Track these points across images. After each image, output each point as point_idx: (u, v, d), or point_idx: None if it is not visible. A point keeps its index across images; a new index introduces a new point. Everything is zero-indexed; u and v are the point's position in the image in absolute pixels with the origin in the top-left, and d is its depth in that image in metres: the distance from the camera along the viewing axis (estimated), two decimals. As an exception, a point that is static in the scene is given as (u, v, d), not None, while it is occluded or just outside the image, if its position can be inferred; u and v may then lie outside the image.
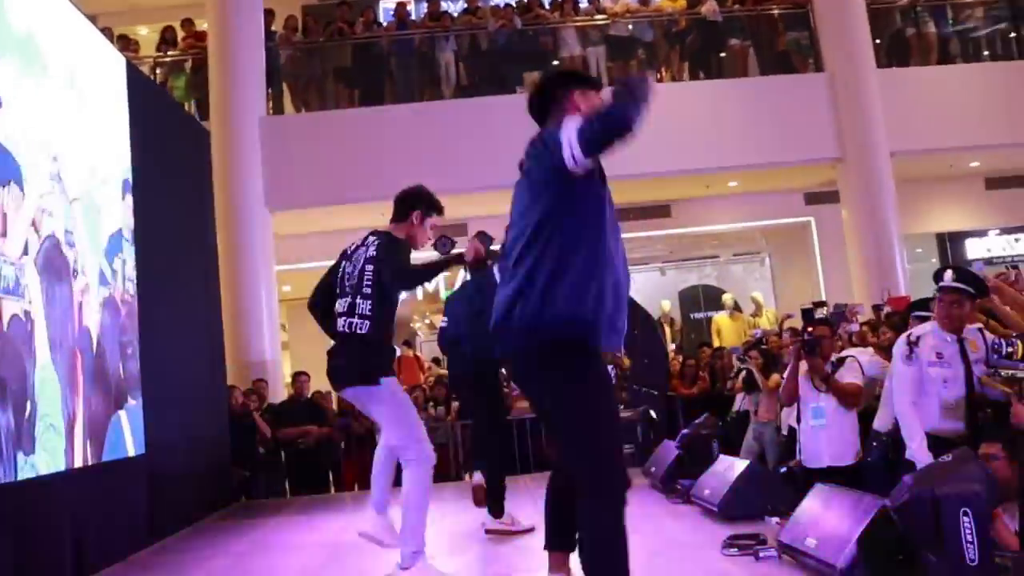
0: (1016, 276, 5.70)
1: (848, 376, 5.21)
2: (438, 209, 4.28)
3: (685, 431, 6.74)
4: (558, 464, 3.21)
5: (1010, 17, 11.71)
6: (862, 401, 5.28)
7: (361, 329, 3.94)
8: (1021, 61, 11.49)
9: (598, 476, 2.68)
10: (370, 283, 3.96)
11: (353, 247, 4.17)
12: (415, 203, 4.21)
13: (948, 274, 4.36)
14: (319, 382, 10.97)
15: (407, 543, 3.88)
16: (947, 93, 10.91)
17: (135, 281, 5.79)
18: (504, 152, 10.40)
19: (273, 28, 11.07)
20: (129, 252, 5.75)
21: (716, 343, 10.98)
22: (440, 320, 5.93)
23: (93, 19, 11.80)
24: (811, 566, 3.67)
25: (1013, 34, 11.72)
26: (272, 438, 8.17)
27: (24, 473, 4.09)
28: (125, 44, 11.00)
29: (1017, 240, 13.27)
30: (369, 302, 3.95)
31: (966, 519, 3.11)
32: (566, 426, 2.77)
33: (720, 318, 11.91)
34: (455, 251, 4.12)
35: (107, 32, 10.78)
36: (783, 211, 12.84)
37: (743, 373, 7.44)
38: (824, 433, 5.16)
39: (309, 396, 8.90)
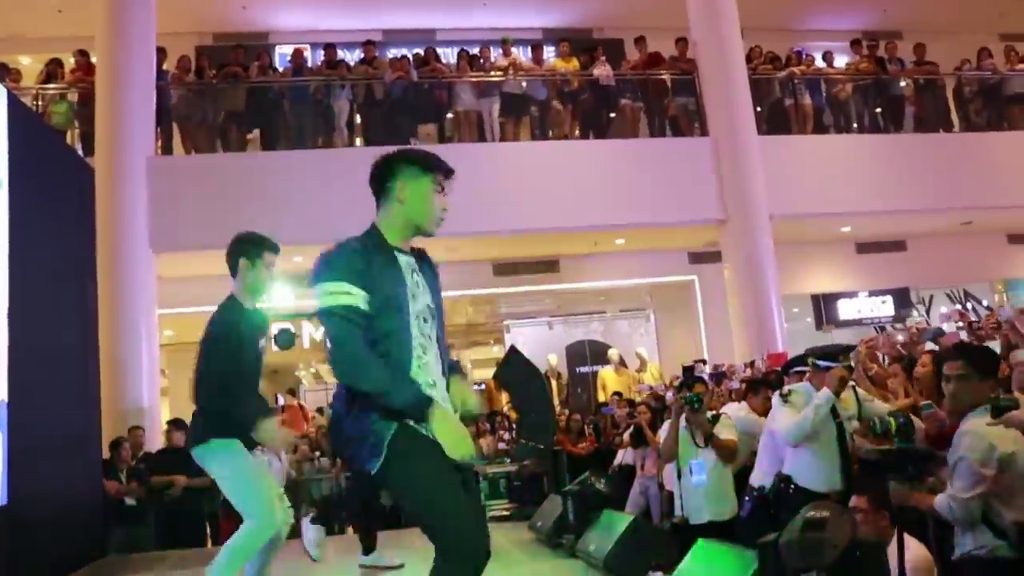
0: (882, 340, 6.03)
1: (724, 433, 5.38)
2: (268, 247, 4.23)
3: (571, 486, 6.80)
4: None
5: (876, 93, 12.46)
6: (739, 457, 5.45)
7: None
8: (888, 135, 12.23)
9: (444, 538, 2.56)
10: None
11: None
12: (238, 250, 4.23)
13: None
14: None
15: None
16: (822, 161, 11.51)
17: (5, 318, 5.51)
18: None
19: (165, 67, 10.86)
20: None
21: (601, 397, 11.14)
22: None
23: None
24: (694, 622, 3.75)
25: (879, 109, 12.47)
26: (142, 488, 7.79)
27: None
28: (5, 73, 10.62)
29: (883, 302, 13.98)
30: None
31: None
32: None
33: (606, 372, 12.09)
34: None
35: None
36: (668, 269, 13.23)
37: (630, 428, 7.58)
38: (704, 489, 5.30)
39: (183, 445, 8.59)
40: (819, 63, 12.65)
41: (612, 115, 11.82)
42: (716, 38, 11.42)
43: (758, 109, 11.71)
